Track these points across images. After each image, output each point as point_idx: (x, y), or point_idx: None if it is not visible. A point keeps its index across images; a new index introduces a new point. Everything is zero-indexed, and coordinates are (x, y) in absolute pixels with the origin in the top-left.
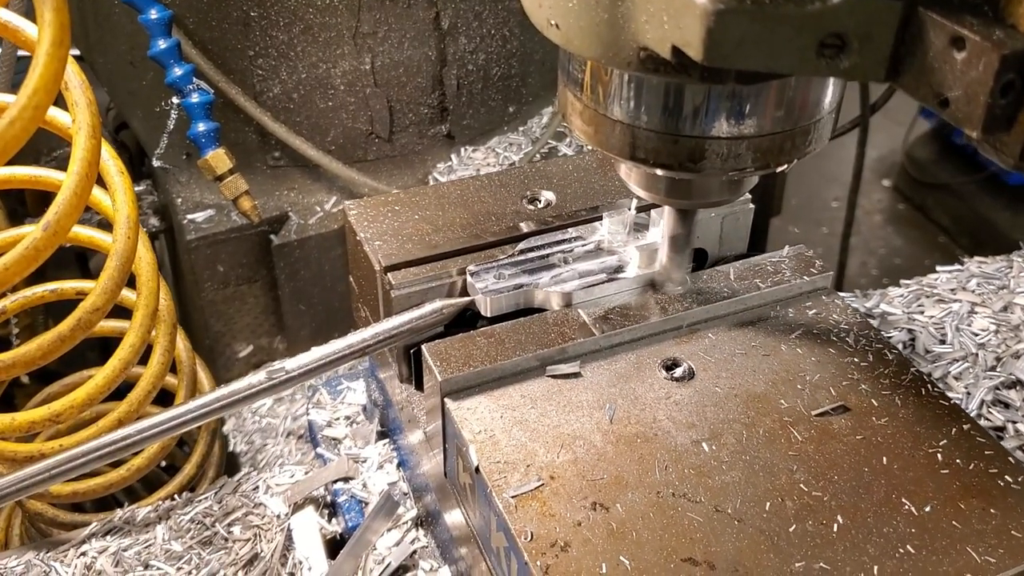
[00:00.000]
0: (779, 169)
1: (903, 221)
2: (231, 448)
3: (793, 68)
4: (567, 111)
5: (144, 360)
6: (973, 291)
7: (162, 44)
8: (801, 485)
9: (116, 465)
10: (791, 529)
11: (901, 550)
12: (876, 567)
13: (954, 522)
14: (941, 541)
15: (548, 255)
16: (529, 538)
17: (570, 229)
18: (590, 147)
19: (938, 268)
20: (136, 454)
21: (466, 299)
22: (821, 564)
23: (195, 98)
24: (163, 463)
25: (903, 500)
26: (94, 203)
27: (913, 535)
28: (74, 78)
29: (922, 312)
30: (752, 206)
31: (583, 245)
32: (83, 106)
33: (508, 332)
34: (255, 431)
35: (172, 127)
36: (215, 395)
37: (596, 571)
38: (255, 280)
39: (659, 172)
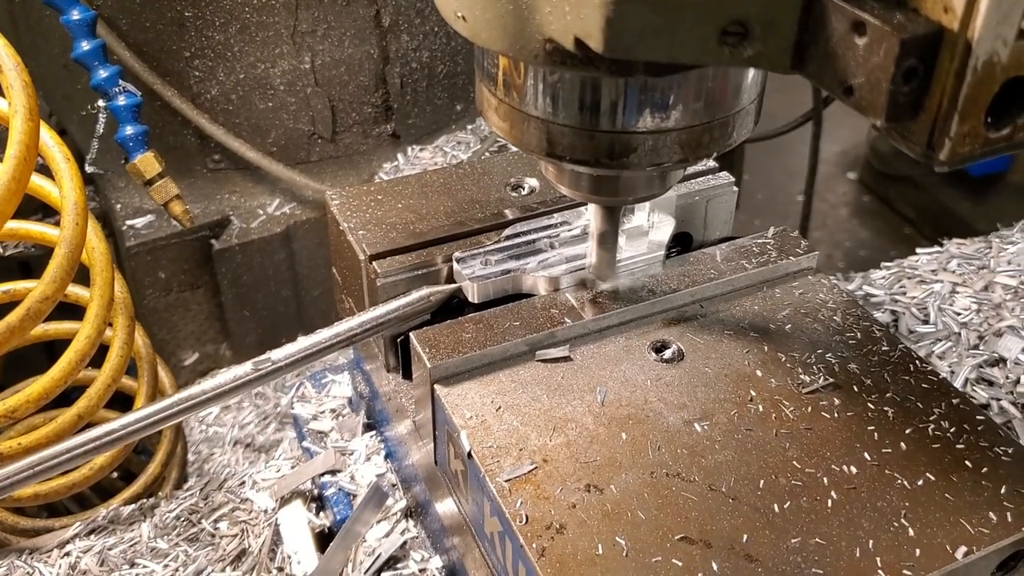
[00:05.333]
0: (700, 163)
1: (868, 213)
2: None
3: (696, 58)
4: (483, 107)
5: (101, 359)
6: (954, 271)
7: (85, 46)
8: (794, 462)
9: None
10: (786, 506)
11: (895, 524)
12: (871, 541)
13: (947, 495)
14: (935, 514)
15: (534, 240)
16: (524, 521)
17: (555, 214)
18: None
19: (918, 250)
20: None
21: (453, 286)
22: (817, 540)
23: (121, 100)
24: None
25: (896, 475)
26: (42, 194)
27: (907, 509)
28: (8, 60)
29: (904, 293)
30: (736, 189)
31: (569, 230)
32: (18, 88)
33: (496, 317)
34: (202, 440)
35: (102, 131)
36: (200, 388)
37: (592, 552)
38: (198, 286)
39: (576, 169)
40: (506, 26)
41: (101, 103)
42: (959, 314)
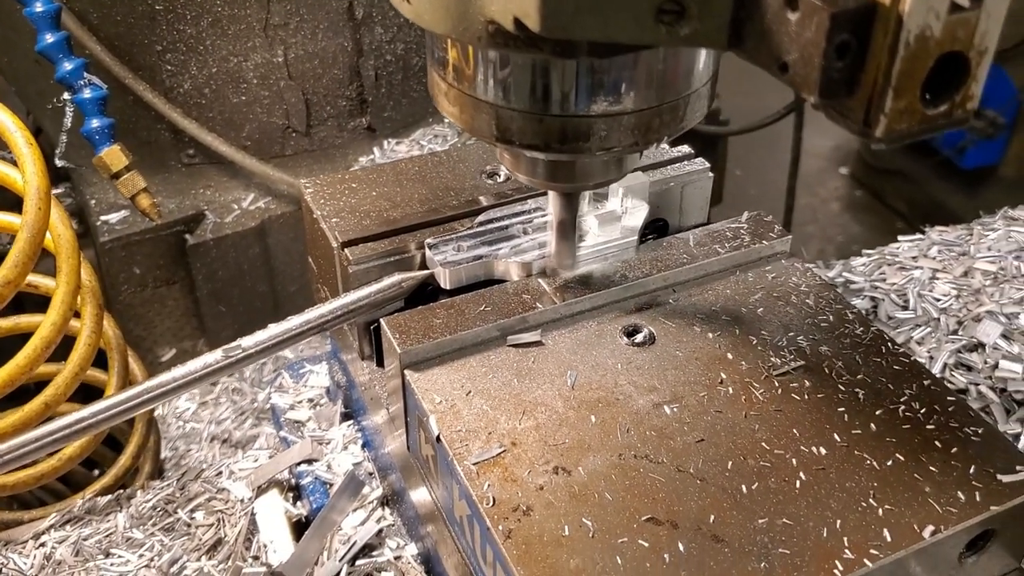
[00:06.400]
0: (651, 147)
1: (860, 208)
2: None
3: (633, 37)
4: (434, 92)
5: (67, 351)
6: (934, 258)
7: (49, 38)
8: (763, 444)
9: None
10: (754, 487)
11: (863, 504)
12: (839, 521)
13: (916, 475)
14: (903, 494)
15: (507, 226)
16: (491, 503)
17: (529, 200)
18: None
19: (900, 238)
20: None
21: (425, 272)
22: (784, 520)
23: (87, 93)
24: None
25: (865, 455)
26: (7, 181)
27: (875, 489)
28: None
29: (884, 280)
30: (711, 175)
31: (543, 216)
32: None
33: (468, 303)
34: (179, 437)
35: (70, 124)
36: (170, 375)
37: (559, 533)
38: (173, 282)
39: (527, 154)
40: (448, 7)
41: (67, 96)
42: (938, 300)
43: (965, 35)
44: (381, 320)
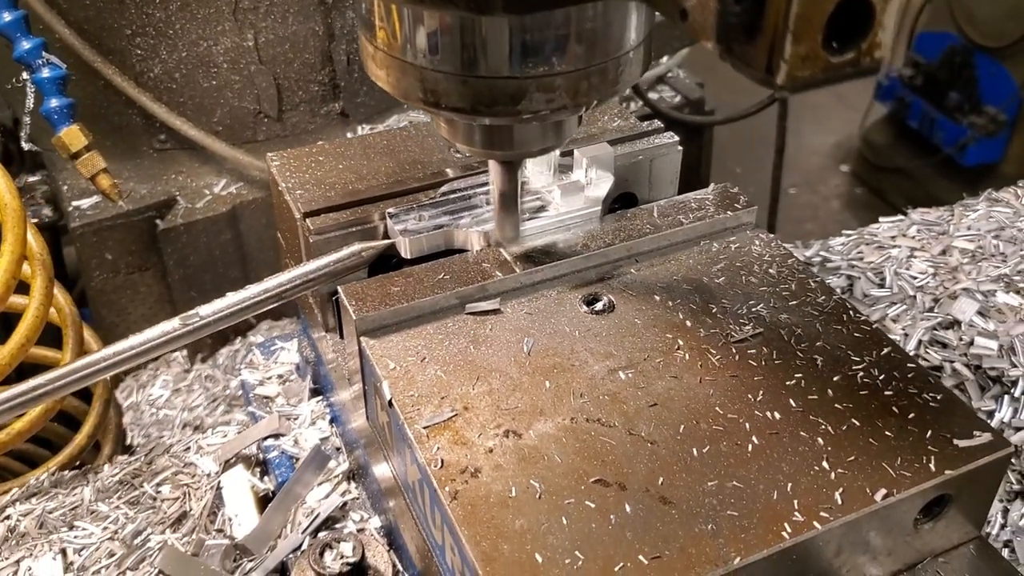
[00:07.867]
0: (582, 111)
1: (860, 205)
2: (128, 442)
3: None
4: (363, 56)
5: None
6: (913, 237)
7: (7, 16)
8: (717, 408)
9: None
10: (705, 450)
11: (816, 467)
12: (790, 484)
13: (871, 440)
14: (857, 458)
15: (470, 196)
16: (439, 466)
17: None
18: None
19: (880, 218)
20: (16, 418)
21: (386, 241)
22: (734, 483)
23: (46, 72)
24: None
25: (820, 420)
26: None
27: (829, 453)
28: None
29: (862, 259)
30: (680, 148)
31: None
32: None
33: (426, 272)
34: (152, 424)
35: (32, 105)
36: (127, 343)
37: (505, 495)
38: (146, 268)
39: (454, 118)
40: None
41: (25, 76)
42: (915, 278)
43: None
44: (339, 288)
